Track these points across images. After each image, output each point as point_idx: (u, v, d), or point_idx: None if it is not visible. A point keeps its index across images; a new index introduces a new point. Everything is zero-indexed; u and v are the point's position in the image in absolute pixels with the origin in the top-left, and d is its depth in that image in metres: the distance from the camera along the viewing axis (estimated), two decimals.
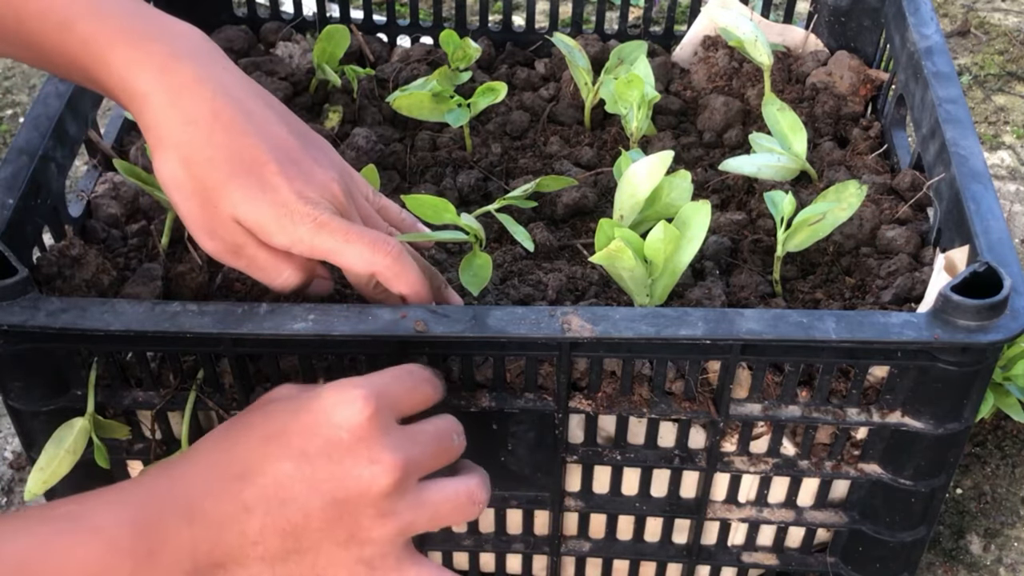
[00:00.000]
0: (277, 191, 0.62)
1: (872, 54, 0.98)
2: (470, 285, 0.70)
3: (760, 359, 0.67)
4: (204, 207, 0.63)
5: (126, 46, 0.62)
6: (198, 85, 0.62)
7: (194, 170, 0.62)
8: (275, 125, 0.65)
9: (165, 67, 0.62)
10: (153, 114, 0.62)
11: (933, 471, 0.72)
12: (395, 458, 0.57)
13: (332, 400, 0.58)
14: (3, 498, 0.99)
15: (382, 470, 0.56)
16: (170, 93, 0.62)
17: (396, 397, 0.60)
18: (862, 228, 0.81)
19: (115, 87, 0.63)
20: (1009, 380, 0.98)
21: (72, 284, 0.72)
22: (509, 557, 0.83)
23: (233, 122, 0.62)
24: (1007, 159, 1.36)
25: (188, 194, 0.63)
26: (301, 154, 0.65)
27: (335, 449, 0.57)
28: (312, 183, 0.64)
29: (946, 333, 0.63)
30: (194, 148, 0.62)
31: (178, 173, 0.62)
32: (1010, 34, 1.54)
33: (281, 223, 0.62)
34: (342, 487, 0.56)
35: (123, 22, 0.63)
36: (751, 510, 0.78)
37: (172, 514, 0.55)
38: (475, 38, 1.01)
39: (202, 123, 0.62)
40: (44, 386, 0.69)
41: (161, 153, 0.63)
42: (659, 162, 0.72)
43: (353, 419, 0.57)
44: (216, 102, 0.62)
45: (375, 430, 0.57)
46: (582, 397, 0.70)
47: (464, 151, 0.91)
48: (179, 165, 0.62)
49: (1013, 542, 0.96)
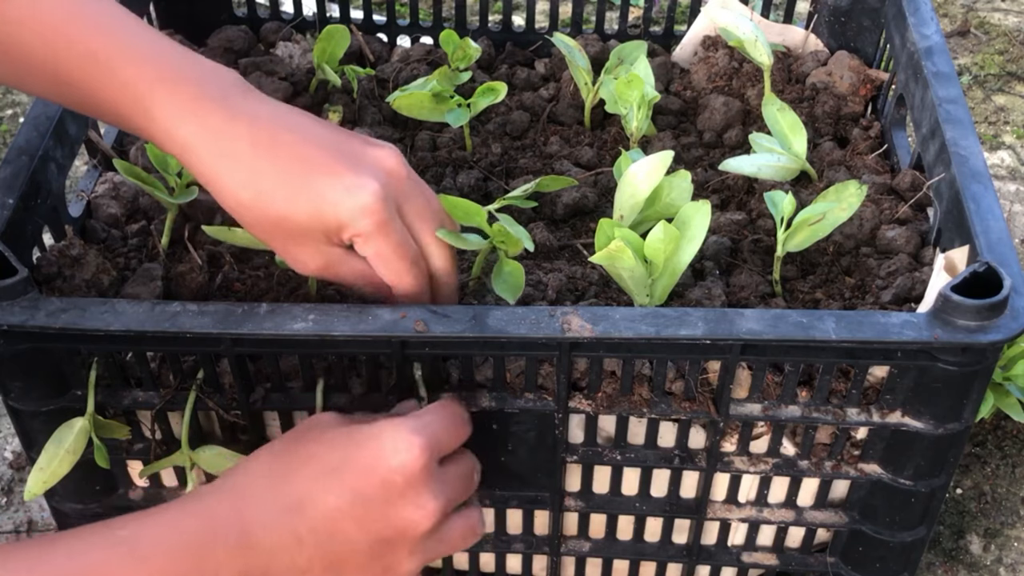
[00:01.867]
0: (335, 181, 0.63)
1: (872, 54, 0.98)
2: (504, 293, 0.70)
3: (760, 359, 0.67)
4: (282, 235, 0.64)
5: (165, 94, 0.63)
6: (232, 122, 0.63)
7: (254, 207, 0.63)
8: (314, 128, 0.65)
9: (202, 113, 0.63)
10: (200, 161, 0.63)
11: (933, 471, 0.72)
12: (437, 504, 0.62)
13: (392, 444, 0.61)
14: (3, 498, 0.99)
15: (426, 515, 0.61)
16: (209, 138, 0.63)
17: (442, 441, 0.64)
18: (862, 228, 0.81)
19: (156, 134, 0.64)
20: (1009, 380, 0.98)
21: (72, 284, 0.72)
22: (509, 557, 0.83)
23: (272, 141, 0.63)
24: (1007, 159, 1.36)
25: (263, 231, 0.64)
26: (347, 142, 0.65)
27: (390, 492, 0.61)
28: (364, 163, 0.64)
29: (946, 333, 0.63)
30: (245, 184, 0.63)
31: (244, 214, 0.64)
32: (1010, 34, 1.54)
33: (346, 212, 0.63)
34: (389, 527, 0.61)
35: (161, 66, 0.63)
36: (751, 510, 0.78)
37: (226, 541, 0.58)
38: (475, 38, 1.01)
39: (244, 159, 0.62)
40: (44, 386, 0.69)
41: (222, 200, 0.64)
42: (659, 162, 0.72)
43: (409, 466, 0.61)
44: (252, 130, 0.63)
45: (426, 477, 0.61)
46: (582, 397, 0.70)
47: (464, 151, 0.91)
48: (240, 206, 0.63)
49: (1013, 542, 0.96)
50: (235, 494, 0.60)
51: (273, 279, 0.76)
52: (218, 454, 0.71)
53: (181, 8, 1.02)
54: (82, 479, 0.74)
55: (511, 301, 0.70)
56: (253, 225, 0.64)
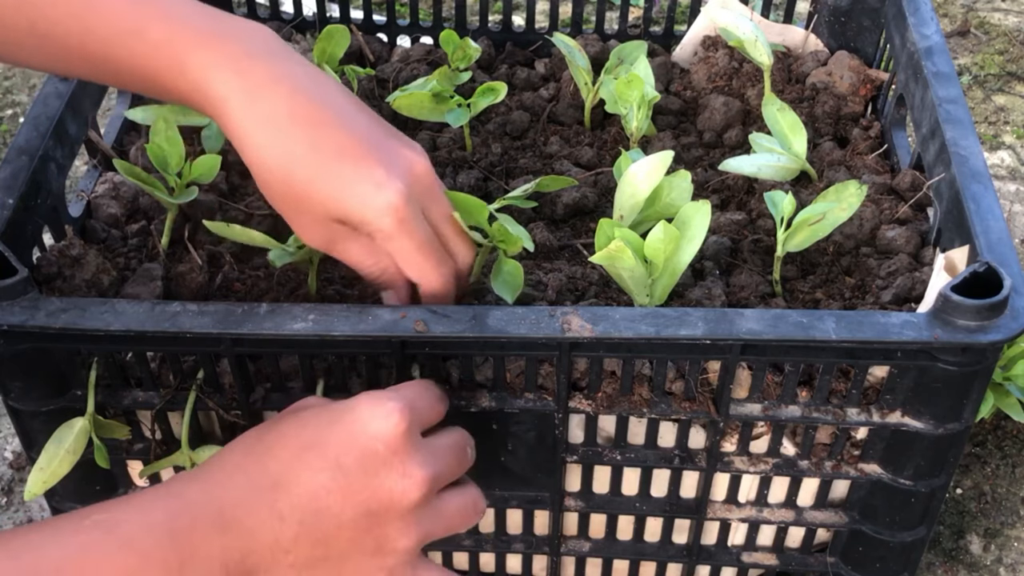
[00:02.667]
0: (365, 175, 0.62)
1: (872, 54, 0.98)
2: (503, 292, 0.70)
3: (760, 359, 0.67)
4: (295, 206, 0.64)
5: (201, 49, 0.62)
6: (274, 84, 0.62)
7: (277, 172, 0.62)
8: (354, 115, 0.65)
9: (240, 68, 0.62)
10: (232, 117, 0.62)
11: (933, 471, 0.72)
12: (424, 473, 0.59)
13: (368, 412, 0.59)
14: (3, 498, 0.99)
15: (413, 484, 0.58)
16: (247, 95, 0.62)
17: (422, 411, 0.62)
18: (862, 228, 0.81)
19: (190, 92, 0.63)
20: (1009, 380, 0.98)
21: (72, 284, 0.72)
22: (509, 557, 0.83)
23: (311, 117, 0.62)
24: (1007, 159, 1.36)
25: (277, 196, 0.64)
26: (383, 137, 0.65)
27: (371, 461, 0.58)
28: (395, 161, 0.64)
29: (946, 333, 0.63)
30: (275, 149, 0.62)
31: (264, 175, 0.63)
32: (1010, 34, 1.54)
33: (370, 209, 0.62)
34: (375, 498, 0.58)
35: (195, 24, 0.63)
36: (751, 510, 0.78)
37: (204, 523, 0.56)
38: (475, 38, 1.01)
39: (280, 127, 0.62)
40: (44, 386, 0.69)
41: (246, 155, 0.63)
42: (659, 162, 0.72)
43: (389, 432, 0.58)
44: (294, 99, 0.62)
45: (408, 444, 0.59)
46: (582, 397, 0.70)
47: (464, 151, 0.91)
48: (263, 168, 0.63)
49: (1013, 542, 0.96)
50: (207, 479, 0.58)
51: (273, 279, 0.76)
52: None
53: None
54: (82, 479, 0.74)
55: (510, 300, 0.70)
56: (270, 191, 0.64)
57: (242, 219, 0.82)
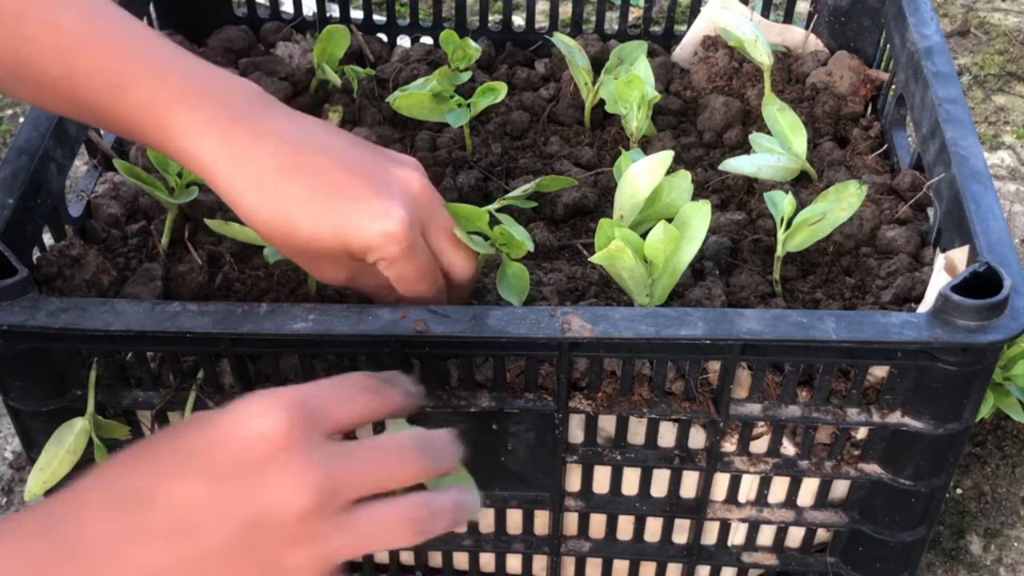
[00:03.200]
0: (363, 208, 0.62)
1: (872, 54, 0.98)
2: (509, 296, 0.70)
3: (760, 359, 0.67)
4: (306, 254, 0.64)
5: (183, 113, 0.62)
6: (257, 142, 0.62)
7: (279, 228, 0.62)
8: (341, 150, 0.64)
9: (223, 132, 0.62)
10: (222, 181, 0.62)
11: (933, 471, 0.72)
12: (316, 474, 0.51)
13: (245, 412, 0.52)
14: (3, 498, 0.99)
15: (299, 487, 0.50)
16: (233, 158, 0.62)
17: (321, 408, 0.54)
18: (862, 228, 0.81)
19: (176, 154, 0.63)
20: (1009, 380, 0.98)
21: (72, 284, 0.72)
22: (509, 557, 0.83)
23: (299, 166, 0.62)
24: (1007, 159, 1.36)
25: (286, 249, 0.64)
26: (374, 163, 0.65)
27: (250, 464, 0.51)
28: (390, 187, 0.63)
29: (946, 333, 0.63)
30: (270, 206, 0.62)
31: (267, 233, 0.63)
32: (1010, 34, 1.54)
33: (373, 239, 0.62)
34: (256, 506, 0.50)
35: (177, 84, 0.62)
36: (751, 510, 0.78)
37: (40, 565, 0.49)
38: (475, 38, 1.01)
39: (269, 182, 0.62)
40: (44, 386, 0.69)
41: (244, 218, 0.63)
42: (659, 162, 0.72)
43: (268, 430, 0.51)
44: (279, 153, 0.62)
45: (293, 443, 0.51)
46: (582, 397, 0.70)
47: (464, 151, 0.91)
48: (263, 226, 0.63)
49: (1013, 542, 0.96)
50: (70, 521, 0.50)
51: (273, 279, 0.76)
52: None
53: (181, 8, 1.02)
54: None
55: (517, 303, 0.70)
56: (279, 245, 0.64)
57: None
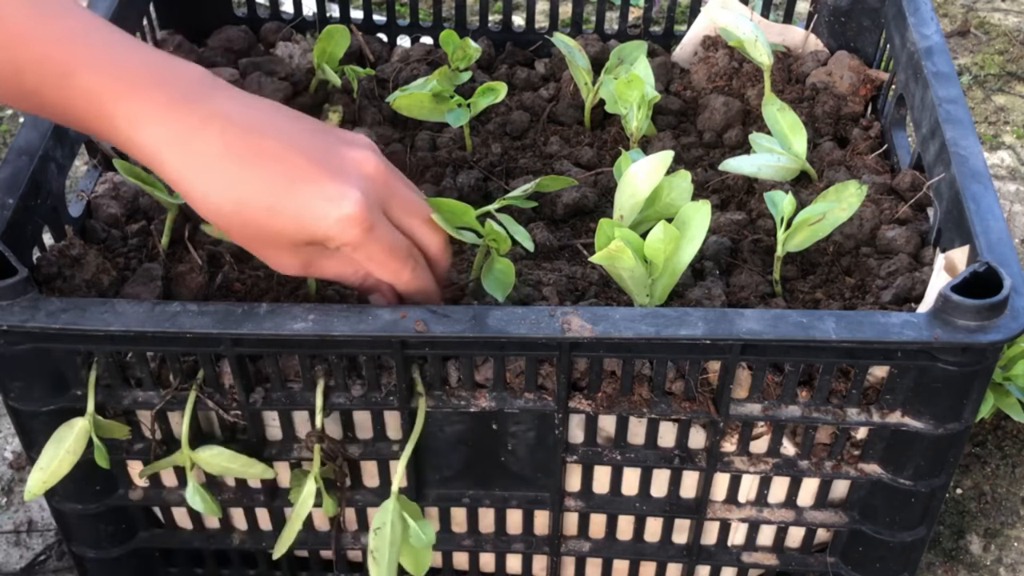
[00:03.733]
0: (317, 192, 0.61)
1: (872, 54, 0.98)
2: (494, 290, 0.70)
3: (760, 359, 0.67)
4: (259, 240, 0.63)
5: (126, 100, 0.60)
6: (203, 126, 0.61)
7: (229, 214, 0.61)
8: (293, 132, 0.63)
9: (167, 118, 0.60)
10: (168, 168, 0.61)
11: (933, 471, 0.72)
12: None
13: None
14: (3, 498, 0.99)
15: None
16: (178, 144, 0.60)
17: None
18: (862, 228, 0.81)
19: (123, 143, 0.62)
20: (1009, 380, 0.98)
21: (72, 284, 0.72)
22: (509, 557, 0.83)
23: (248, 149, 0.61)
24: (1007, 159, 1.36)
25: (238, 236, 0.63)
26: (328, 146, 0.64)
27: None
28: (344, 169, 0.63)
29: (946, 333, 0.63)
30: (219, 192, 0.61)
31: (217, 220, 0.62)
32: (1010, 34, 1.54)
33: (332, 225, 0.62)
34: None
35: (120, 72, 0.61)
36: (751, 510, 0.78)
37: None
38: (475, 38, 1.01)
39: (217, 168, 0.60)
40: (44, 386, 0.69)
41: (193, 205, 0.62)
42: (659, 162, 0.72)
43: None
44: (226, 135, 0.61)
45: None
46: (582, 397, 0.70)
47: (464, 151, 0.91)
48: (213, 213, 0.62)
49: (1013, 542, 0.96)
50: None
51: (273, 279, 0.76)
52: (218, 454, 0.71)
53: (181, 8, 1.02)
54: (82, 479, 0.74)
55: (500, 299, 0.70)
56: (231, 232, 0.63)
57: None
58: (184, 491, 0.74)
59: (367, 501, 0.77)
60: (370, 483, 0.77)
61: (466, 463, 0.75)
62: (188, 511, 0.80)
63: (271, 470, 0.73)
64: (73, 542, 0.81)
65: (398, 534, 0.69)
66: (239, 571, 0.86)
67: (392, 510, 0.69)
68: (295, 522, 0.72)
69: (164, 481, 0.78)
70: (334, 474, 0.73)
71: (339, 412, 0.72)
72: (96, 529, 0.79)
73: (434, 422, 0.72)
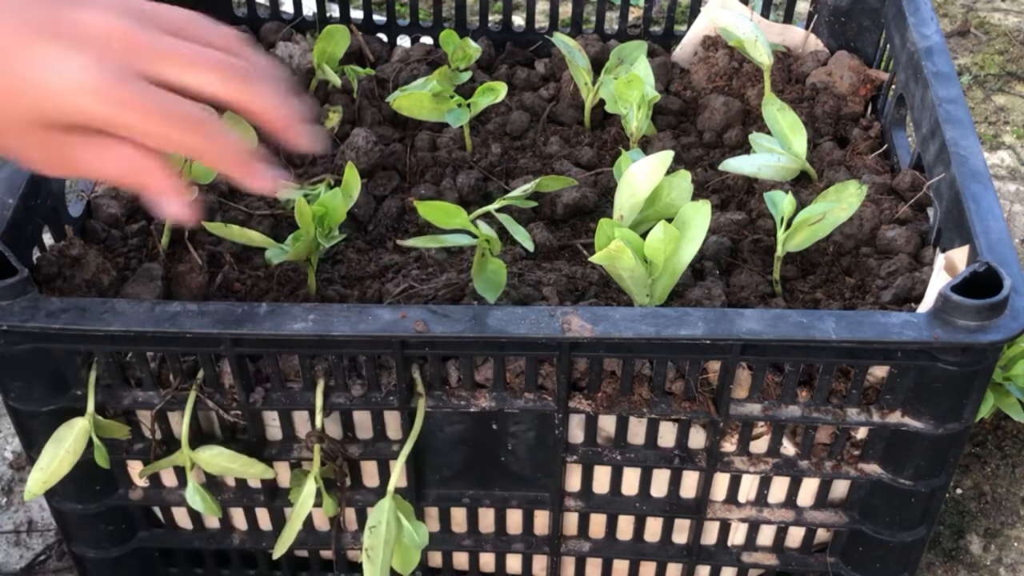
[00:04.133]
0: (41, 65, 0.52)
1: (872, 54, 0.98)
2: (485, 291, 0.70)
3: (760, 359, 0.67)
4: None
5: None
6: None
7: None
8: None
9: None
10: None
11: (933, 471, 0.72)
12: None
13: None
14: (3, 498, 0.99)
15: None
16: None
17: None
18: (862, 228, 0.81)
19: None
20: (1009, 380, 0.98)
21: (72, 284, 0.72)
22: (509, 557, 0.83)
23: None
24: (1007, 159, 1.36)
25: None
26: (51, 10, 0.54)
27: None
28: (63, 34, 0.53)
29: (946, 333, 0.63)
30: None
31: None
32: (1010, 34, 1.54)
33: (73, 100, 0.52)
34: None
35: None
36: (751, 510, 0.78)
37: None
38: (475, 38, 1.01)
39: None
40: (44, 386, 0.69)
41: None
42: (659, 162, 0.72)
43: None
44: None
45: None
46: (582, 397, 0.70)
47: (464, 151, 0.91)
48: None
49: (1013, 542, 0.96)
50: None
51: (273, 279, 0.76)
52: (218, 454, 0.71)
53: (181, 8, 1.02)
54: (82, 479, 0.74)
55: (491, 300, 0.70)
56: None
57: (242, 219, 0.82)
58: (184, 491, 0.74)
59: (367, 501, 0.77)
60: (370, 483, 0.77)
61: (466, 463, 0.75)
62: (188, 511, 0.80)
63: (271, 470, 0.73)
64: (73, 542, 0.81)
65: (393, 533, 0.69)
66: (239, 571, 0.86)
67: (388, 509, 0.69)
68: (295, 522, 0.72)
69: (164, 481, 0.78)
70: (334, 474, 0.73)
71: (339, 412, 0.72)
72: (96, 529, 0.79)
73: (434, 422, 0.72)
